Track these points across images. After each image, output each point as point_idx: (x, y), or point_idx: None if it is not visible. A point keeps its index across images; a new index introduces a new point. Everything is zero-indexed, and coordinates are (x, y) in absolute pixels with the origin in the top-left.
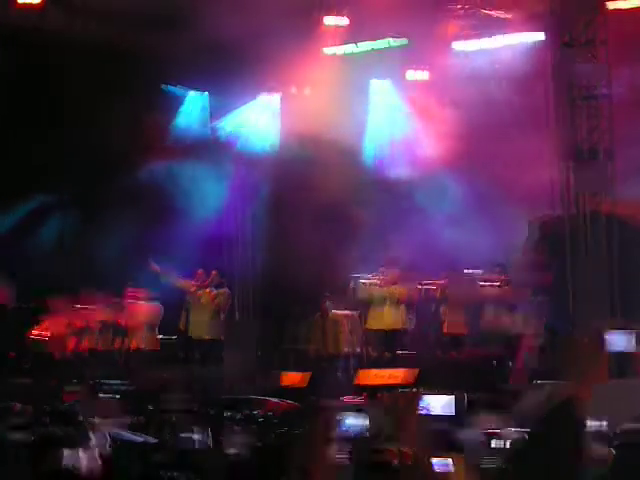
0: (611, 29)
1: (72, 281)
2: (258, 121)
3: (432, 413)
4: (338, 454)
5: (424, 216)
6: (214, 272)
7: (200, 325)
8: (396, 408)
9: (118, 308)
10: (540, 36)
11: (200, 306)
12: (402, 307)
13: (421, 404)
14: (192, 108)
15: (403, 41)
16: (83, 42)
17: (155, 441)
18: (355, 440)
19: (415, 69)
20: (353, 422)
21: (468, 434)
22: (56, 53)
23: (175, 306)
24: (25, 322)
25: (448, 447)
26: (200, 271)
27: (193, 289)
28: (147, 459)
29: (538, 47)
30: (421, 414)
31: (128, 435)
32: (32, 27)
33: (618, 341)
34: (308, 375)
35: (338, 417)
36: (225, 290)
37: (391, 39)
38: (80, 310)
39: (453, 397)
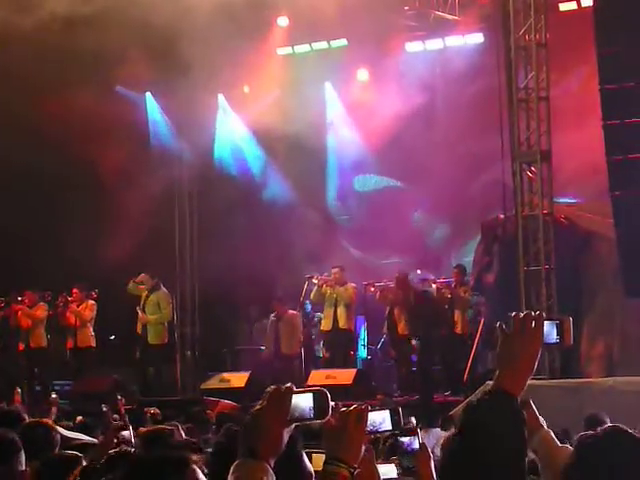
0: (551, 33)
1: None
2: (208, 122)
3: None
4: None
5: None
6: (143, 276)
7: (150, 328)
8: (345, 427)
9: (64, 307)
10: (483, 38)
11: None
12: (353, 308)
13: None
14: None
15: (342, 42)
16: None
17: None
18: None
19: (363, 70)
20: (301, 403)
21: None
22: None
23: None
24: None
25: (390, 453)
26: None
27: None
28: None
29: (484, 49)
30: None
31: (74, 435)
32: None
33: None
34: (248, 375)
35: (293, 399)
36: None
37: (339, 40)
38: (26, 309)
39: (388, 411)
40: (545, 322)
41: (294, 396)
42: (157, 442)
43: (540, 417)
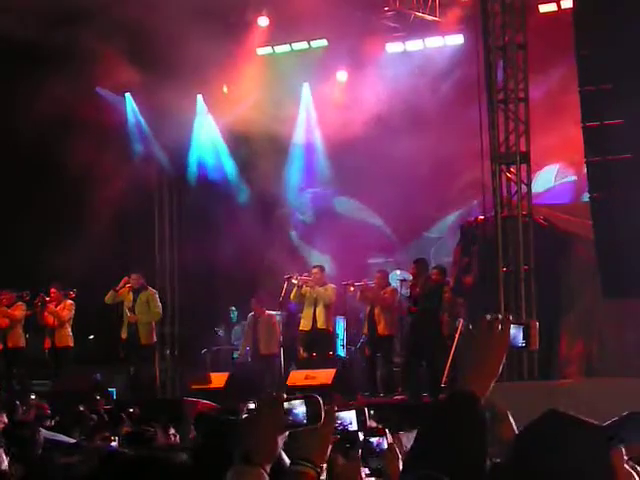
0: (530, 34)
1: None
2: (187, 123)
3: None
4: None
5: (351, 218)
6: (134, 276)
7: (140, 328)
8: (312, 429)
9: (42, 307)
10: (463, 39)
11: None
12: (332, 308)
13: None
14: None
15: (323, 42)
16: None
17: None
18: None
19: (343, 70)
20: (295, 411)
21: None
22: None
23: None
24: None
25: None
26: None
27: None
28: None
29: (464, 50)
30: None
31: (53, 436)
32: None
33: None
34: (227, 376)
35: (286, 405)
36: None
37: (319, 41)
38: (3, 309)
39: (354, 412)
40: (512, 325)
41: (287, 403)
42: (141, 442)
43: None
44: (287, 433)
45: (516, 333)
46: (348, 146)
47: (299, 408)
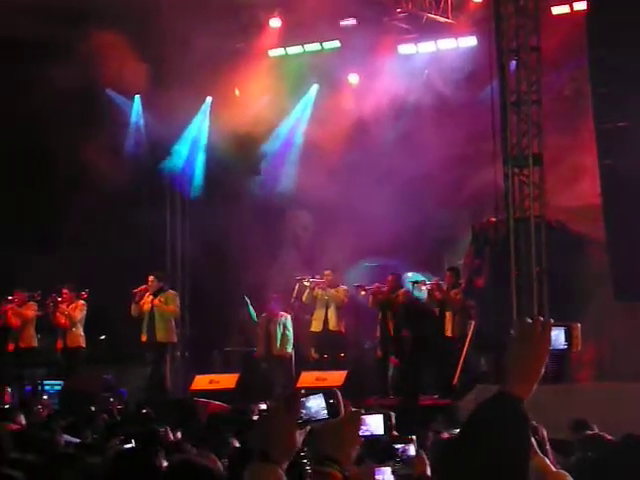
0: (543, 36)
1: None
2: (197, 125)
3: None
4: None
5: (365, 220)
6: (151, 277)
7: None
8: (340, 428)
9: (54, 308)
10: (476, 41)
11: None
12: (344, 310)
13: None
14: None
15: (335, 43)
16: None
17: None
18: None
19: (355, 71)
20: (313, 404)
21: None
22: None
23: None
24: None
25: (384, 457)
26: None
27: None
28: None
29: (477, 52)
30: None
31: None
32: None
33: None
34: (237, 377)
35: (304, 400)
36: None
37: (331, 42)
38: (15, 309)
39: (381, 416)
40: (553, 328)
41: (305, 398)
42: (152, 443)
43: (535, 444)
44: (308, 428)
45: (558, 335)
46: (357, 147)
47: (316, 402)
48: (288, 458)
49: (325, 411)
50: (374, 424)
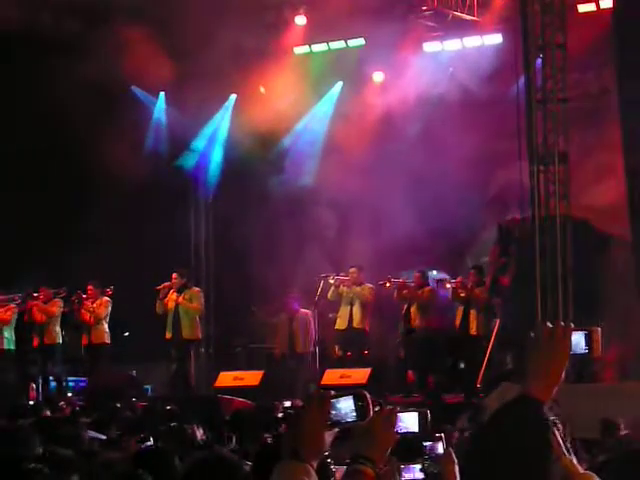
0: (569, 34)
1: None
2: (221, 122)
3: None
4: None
5: (394, 216)
6: (174, 275)
7: (184, 323)
8: (374, 426)
9: (79, 304)
10: (502, 39)
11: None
12: (368, 307)
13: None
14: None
15: (360, 41)
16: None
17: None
18: None
19: (380, 69)
20: (343, 405)
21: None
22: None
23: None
24: None
25: (415, 455)
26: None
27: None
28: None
29: (502, 50)
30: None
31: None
32: None
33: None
34: (261, 374)
35: (333, 401)
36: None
37: (356, 39)
38: (41, 305)
39: (417, 414)
40: (574, 332)
41: (335, 399)
42: (179, 440)
43: (562, 445)
44: (336, 430)
45: (578, 339)
46: (381, 144)
47: (346, 404)
48: (317, 457)
49: (354, 413)
50: (409, 422)
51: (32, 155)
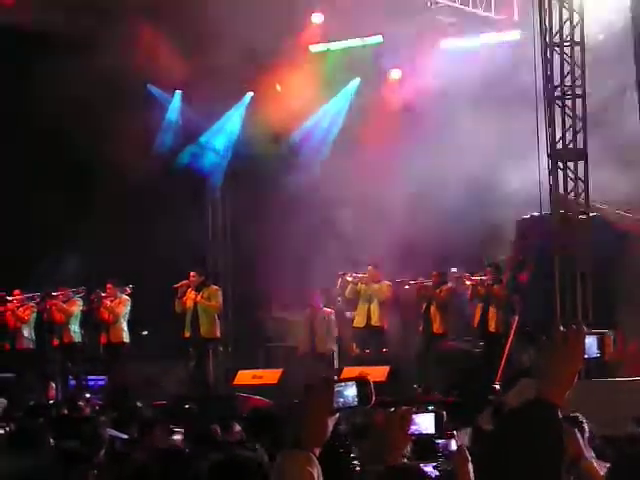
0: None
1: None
2: (236, 120)
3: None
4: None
5: (411, 214)
6: (192, 273)
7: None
8: (390, 427)
9: (98, 303)
10: (520, 35)
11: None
12: (386, 305)
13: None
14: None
15: (377, 39)
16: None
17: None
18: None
19: (397, 66)
20: (346, 392)
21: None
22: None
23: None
24: None
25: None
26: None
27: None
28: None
29: (520, 46)
30: (410, 433)
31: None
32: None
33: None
34: (280, 372)
35: (336, 388)
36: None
37: (373, 37)
38: (59, 304)
39: (433, 415)
40: (587, 336)
41: (338, 385)
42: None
43: (584, 447)
44: (337, 415)
45: (591, 343)
46: (398, 141)
47: (350, 390)
48: (319, 445)
49: (357, 399)
50: (424, 423)
51: (44, 153)
